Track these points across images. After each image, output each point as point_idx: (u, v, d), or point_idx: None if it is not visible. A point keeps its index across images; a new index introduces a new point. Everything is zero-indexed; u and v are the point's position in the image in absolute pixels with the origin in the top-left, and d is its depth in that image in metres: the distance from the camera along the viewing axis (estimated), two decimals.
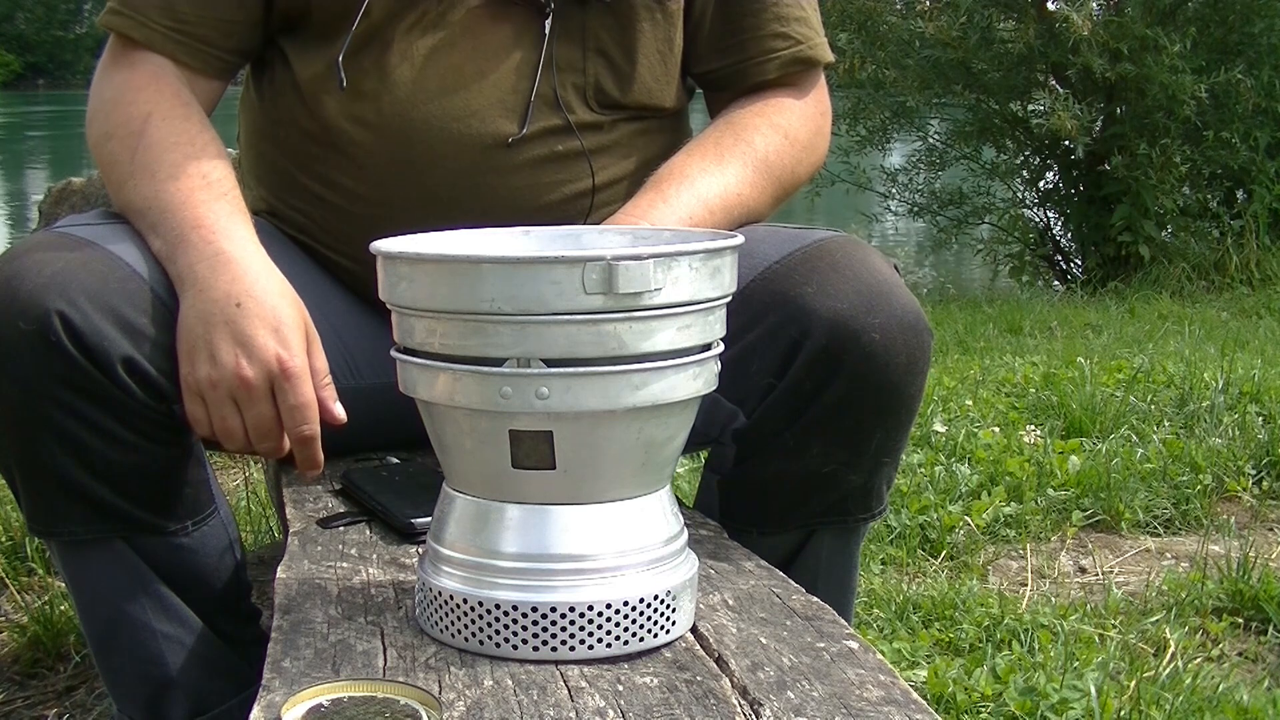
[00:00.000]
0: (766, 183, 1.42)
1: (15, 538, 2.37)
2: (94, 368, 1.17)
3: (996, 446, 2.89)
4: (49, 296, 1.17)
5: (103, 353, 1.17)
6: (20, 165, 18.82)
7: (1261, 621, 2.13)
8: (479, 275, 0.91)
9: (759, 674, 0.93)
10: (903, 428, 1.31)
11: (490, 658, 0.96)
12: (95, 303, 1.18)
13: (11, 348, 1.17)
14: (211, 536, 1.31)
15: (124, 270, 1.22)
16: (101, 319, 1.17)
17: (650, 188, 1.37)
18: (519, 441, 0.95)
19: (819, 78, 1.53)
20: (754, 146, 1.42)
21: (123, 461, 1.21)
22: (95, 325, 1.17)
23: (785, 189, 1.45)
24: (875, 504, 1.35)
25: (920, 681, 1.82)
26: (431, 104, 1.38)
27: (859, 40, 7.02)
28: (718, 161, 1.39)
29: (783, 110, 1.47)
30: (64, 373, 1.17)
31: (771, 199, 1.44)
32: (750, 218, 1.41)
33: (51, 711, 1.90)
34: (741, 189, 1.39)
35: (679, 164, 1.39)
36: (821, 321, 1.24)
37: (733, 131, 1.43)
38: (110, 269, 1.21)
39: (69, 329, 1.16)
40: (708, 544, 1.22)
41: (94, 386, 1.18)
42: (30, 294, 1.17)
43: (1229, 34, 6.51)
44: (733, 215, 1.38)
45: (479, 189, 1.39)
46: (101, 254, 1.22)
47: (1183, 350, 4.01)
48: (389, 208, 1.40)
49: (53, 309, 1.16)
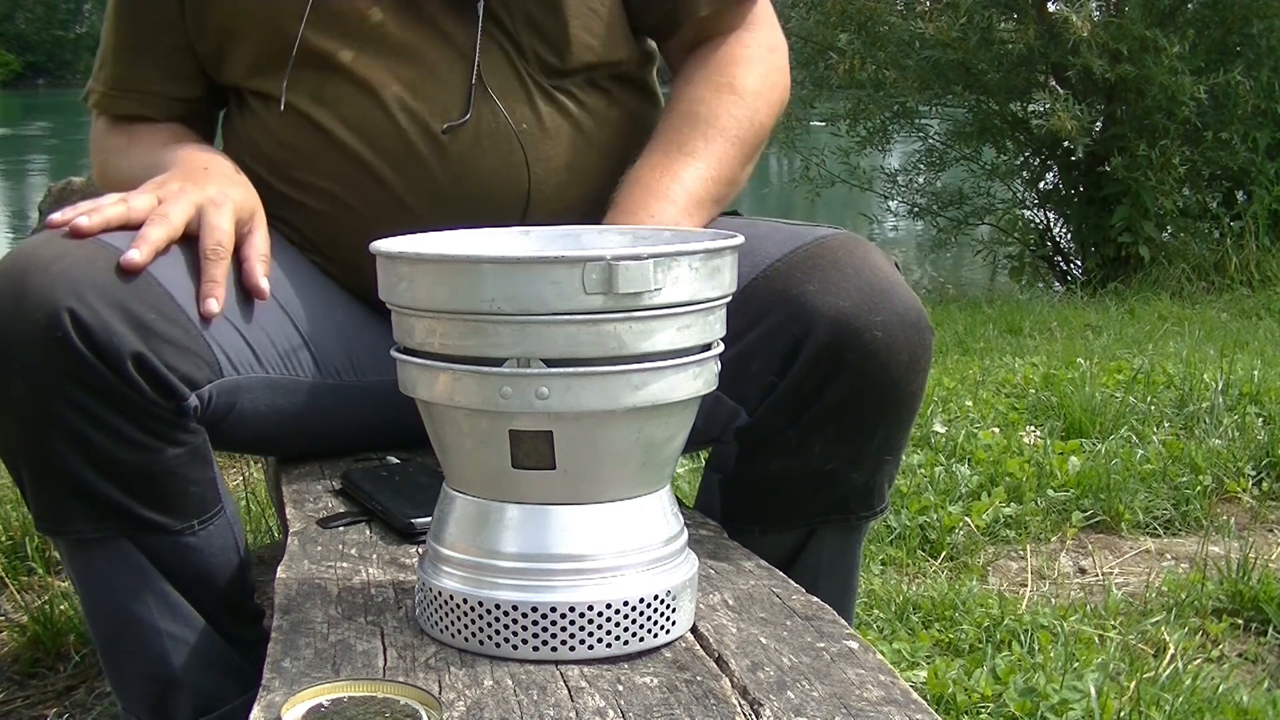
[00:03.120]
0: (735, 151, 1.42)
1: (15, 537, 2.37)
2: (104, 365, 1.17)
3: (996, 447, 2.89)
4: (58, 293, 1.16)
5: (113, 350, 1.17)
6: (20, 165, 18.82)
7: (1261, 623, 2.13)
8: (479, 275, 0.91)
9: (759, 674, 0.93)
10: (904, 425, 1.32)
11: (490, 658, 0.96)
12: (105, 299, 1.17)
13: (21, 345, 1.16)
14: (217, 536, 1.31)
15: None
16: (111, 315, 1.17)
17: (634, 188, 1.37)
18: (519, 441, 0.95)
19: (761, 9, 1.52)
20: (714, 124, 1.41)
21: (131, 460, 1.21)
22: (105, 322, 1.17)
23: (754, 145, 1.45)
24: (877, 502, 1.36)
25: (920, 682, 1.82)
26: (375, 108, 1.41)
27: (859, 41, 7.02)
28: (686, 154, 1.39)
29: (726, 65, 1.46)
30: (74, 370, 1.16)
31: (744, 162, 1.44)
32: (734, 189, 1.42)
33: (51, 711, 1.90)
34: (717, 170, 1.39)
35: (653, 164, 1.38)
36: (823, 319, 1.24)
37: (688, 118, 1.42)
38: (119, 265, 1.21)
39: (79, 326, 1.16)
40: (708, 544, 1.22)
41: (104, 384, 1.17)
42: (40, 291, 1.17)
43: (1228, 35, 6.52)
44: (719, 198, 1.40)
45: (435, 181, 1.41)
46: (109, 251, 1.22)
47: (1182, 351, 4.01)
48: (357, 211, 1.43)
49: (63, 306, 1.16)
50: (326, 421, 1.42)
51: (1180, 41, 6.12)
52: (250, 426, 1.33)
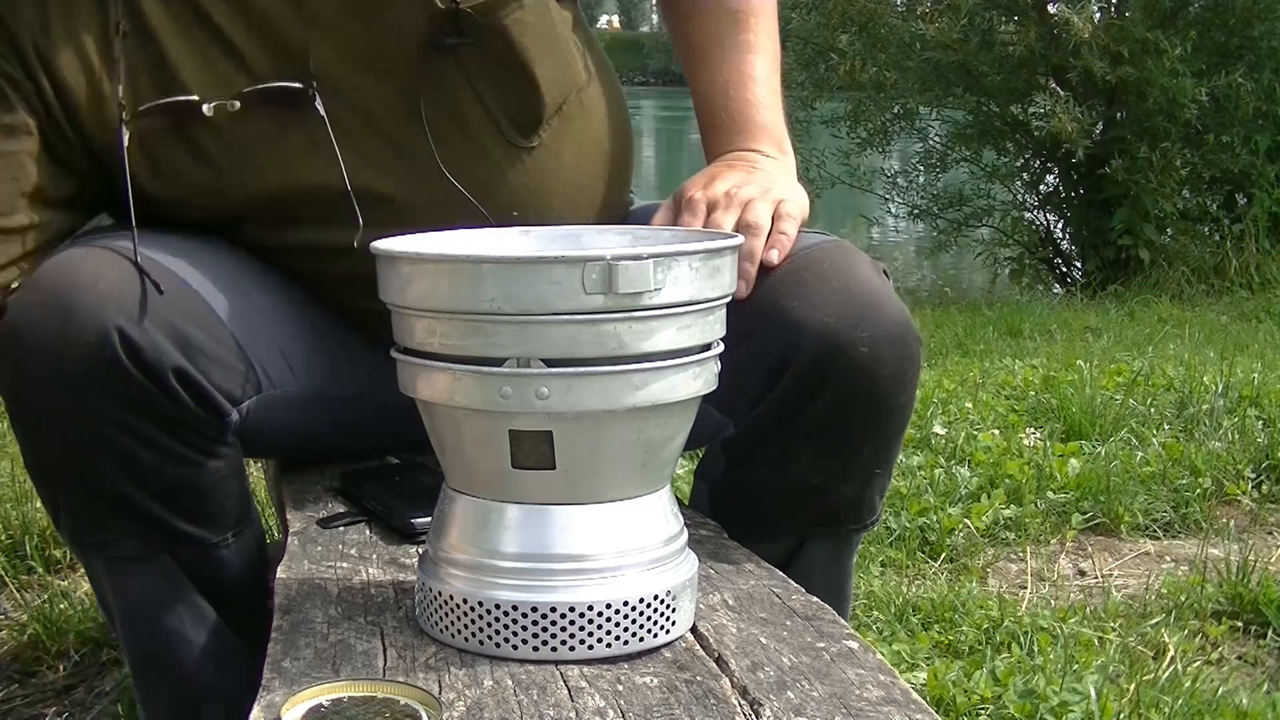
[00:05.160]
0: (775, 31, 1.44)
1: (15, 537, 2.37)
2: (150, 383, 1.15)
3: (996, 449, 2.89)
4: (107, 312, 1.14)
5: (159, 367, 1.15)
6: None
7: (1261, 625, 2.13)
8: (479, 275, 0.91)
9: (759, 674, 0.93)
10: (893, 439, 1.30)
11: (490, 658, 0.96)
12: (152, 317, 1.16)
13: (69, 367, 1.14)
14: (247, 546, 1.30)
15: (172, 280, 1.21)
16: (158, 333, 1.16)
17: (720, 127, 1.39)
18: (519, 441, 0.95)
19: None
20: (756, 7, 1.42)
21: (175, 475, 1.20)
22: (153, 340, 1.15)
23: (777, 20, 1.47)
24: (867, 514, 1.34)
25: (920, 684, 1.82)
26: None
27: (860, 42, 7.03)
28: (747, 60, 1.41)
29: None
30: (122, 389, 1.15)
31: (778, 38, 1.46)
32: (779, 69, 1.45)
33: (50, 710, 1.90)
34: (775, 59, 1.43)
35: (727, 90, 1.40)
36: (809, 336, 1.22)
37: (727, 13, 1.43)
38: (161, 281, 1.19)
39: (128, 345, 1.14)
40: (708, 544, 1.22)
41: (150, 401, 1.16)
42: (87, 310, 1.14)
43: (1229, 38, 6.52)
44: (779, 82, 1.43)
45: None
46: (150, 266, 1.19)
47: (1182, 354, 4.01)
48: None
49: (112, 325, 1.14)
50: (344, 433, 1.42)
51: (1181, 44, 6.12)
52: (277, 439, 1.34)
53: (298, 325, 1.34)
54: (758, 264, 1.26)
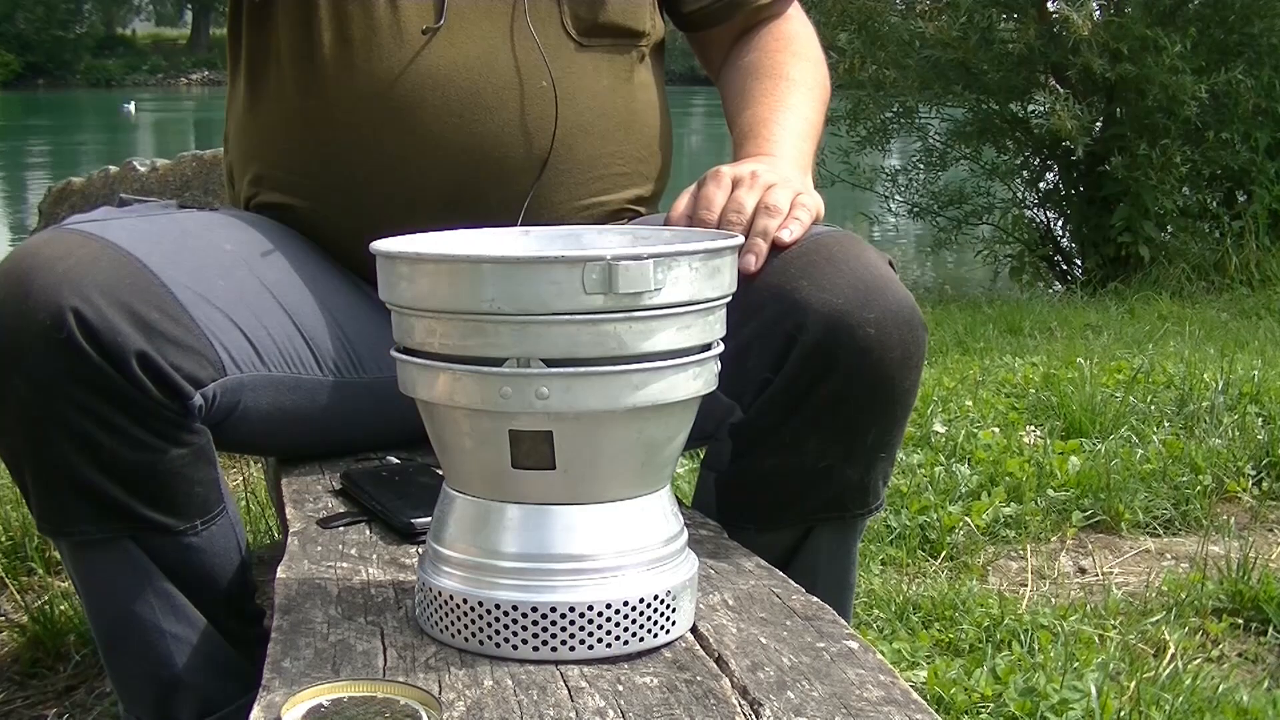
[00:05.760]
0: (820, 103, 1.56)
1: (15, 537, 2.37)
2: (108, 365, 1.16)
3: (996, 447, 2.89)
4: (63, 293, 1.16)
5: (118, 349, 1.16)
6: (20, 165, 18.82)
7: (1261, 622, 2.13)
8: (479, 275, 0.91)
9: (759, 674, 0.93)
10: (898, 422, 1.32)
11: (490, 658, 0.96)
12: (109, 298, 1.17)
13: (26, 345, 1.16)
14: (219, 537, 1.31)
15: (135, 265, 1.22)
16: (116, 315, 1.17)
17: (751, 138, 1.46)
18: (519, 441, 0.95)
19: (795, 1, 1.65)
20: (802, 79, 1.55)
21: (136, 460, 1.21)
22: (110, 322, 1.16)
23: (826, 103, 1.59)
24: (872, 499, 1.36)
25: (920, 682, 1.82)
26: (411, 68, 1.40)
27: (859, 40, 7.02)
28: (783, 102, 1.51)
29: (793, 39, 1.59)
30: (79, 370, 1.16)
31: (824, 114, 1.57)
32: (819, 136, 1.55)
33: (51, 711, 1.90)
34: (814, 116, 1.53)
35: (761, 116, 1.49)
36: (817, 315, 1.24)
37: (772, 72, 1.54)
38: (121, 264, 1.21)
39: (84, 326, 1.15)
40: (708, 544, 1.22)
41: (109, 384, 1.17)
42: (44, 290, 1.16)
43: (1229, 34, 6.51)
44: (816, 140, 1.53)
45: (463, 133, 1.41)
46: (112, 250, 1.22)
47: (1182, 351, 4.01)
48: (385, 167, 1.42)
49: (67, 305, 1.15)
50: (328, 418, 1.42)
51: (1181, 41, 6.12)
52: (252, 425, 1.34)
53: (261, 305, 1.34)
54: (770, 241, 1.29)
